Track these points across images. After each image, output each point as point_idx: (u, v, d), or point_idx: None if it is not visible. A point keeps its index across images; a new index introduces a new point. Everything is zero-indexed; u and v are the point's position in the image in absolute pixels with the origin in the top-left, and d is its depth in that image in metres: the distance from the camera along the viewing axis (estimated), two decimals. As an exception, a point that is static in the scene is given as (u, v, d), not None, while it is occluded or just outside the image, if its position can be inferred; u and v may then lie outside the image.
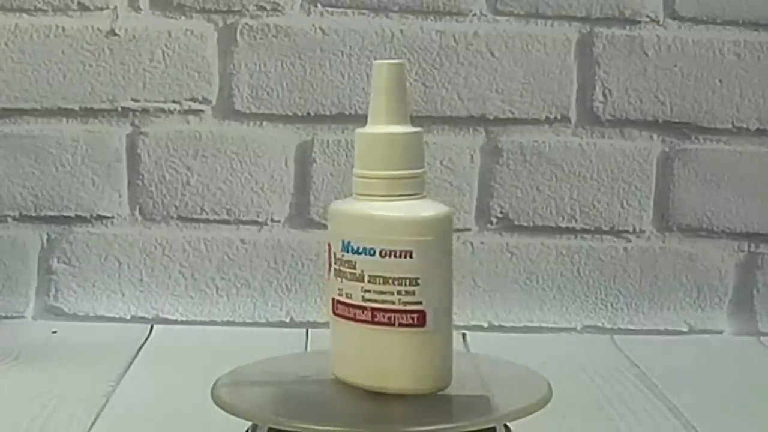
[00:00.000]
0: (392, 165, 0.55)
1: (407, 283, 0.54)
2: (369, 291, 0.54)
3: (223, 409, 0.54)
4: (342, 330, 0.56)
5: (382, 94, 0.55)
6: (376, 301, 0.54)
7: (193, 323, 1.00)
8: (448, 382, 0.55)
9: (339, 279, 0.55)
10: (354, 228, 0.55)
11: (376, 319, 0.54)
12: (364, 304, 0.55)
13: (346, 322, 0.55)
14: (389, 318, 0.54)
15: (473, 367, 0.64)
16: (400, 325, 0.54)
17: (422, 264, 0.54)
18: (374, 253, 0.54)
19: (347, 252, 0.55)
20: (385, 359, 0.55)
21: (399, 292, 0.54)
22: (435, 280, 0.54)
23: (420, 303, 0.54)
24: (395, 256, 0.54)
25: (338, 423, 0.52)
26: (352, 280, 0.55)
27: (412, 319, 0.54)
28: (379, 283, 0.54)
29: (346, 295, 0.55)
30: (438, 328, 0.55)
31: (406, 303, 0.54)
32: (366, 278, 0.54)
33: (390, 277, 0.54)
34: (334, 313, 0.56)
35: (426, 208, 0.55)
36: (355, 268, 0.55)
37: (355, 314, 0.55)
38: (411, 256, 0.54)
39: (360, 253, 0.55)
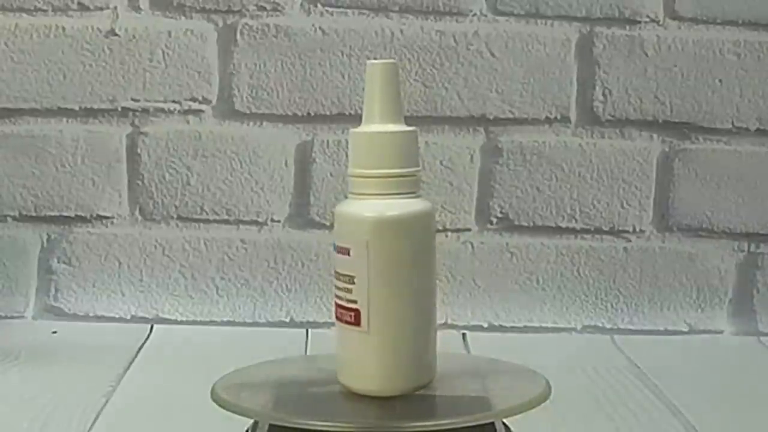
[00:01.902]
0: (382, 164, 0.55)
1: (347, 281, 0.55)
2: (335, 286, 0.56)
3: (222, 407, 0.54)
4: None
5: (375, 93, 0.56)
6: (336, 296, 0.56)
7: (193, 323, 1.00)
8: (400, 387, 0.55)
9: None
10: (335, 225, 0.56)
11: (337, 314, 0.56)
12: (334, 297, 0.56)
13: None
14: (340, 314, 0.55)
15: (472, 367, 0.64)
16: (346, 322, 0.55)
17: (357, 263, 0.54)
18: (335, 248, 0.55)
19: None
20: (342, 357, 0.56)
21: (343, 289, 0.55)
22: (371, 281, 0.54)
23: (355, 302, 0.54)
24: (341, 253, 0.55)
25: (338, 420, 0.52)
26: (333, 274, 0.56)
27: (350, 316, 0.55)
28: (336, 278, 0.55)
29: None
30: (375, 330, 0.54)
31: (347, 300, 0.55)
32: (334, 272, 0.56)
33: (339, 273, 0.55)
34: None
35: (385, 208, 0.54)
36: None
37: (334, 309, 0.56)
38: (349, 254, 0.54)
39: (333, 248, 0.56)
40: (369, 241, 0.54)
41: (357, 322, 0.54)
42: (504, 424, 0.55)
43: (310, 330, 0.98)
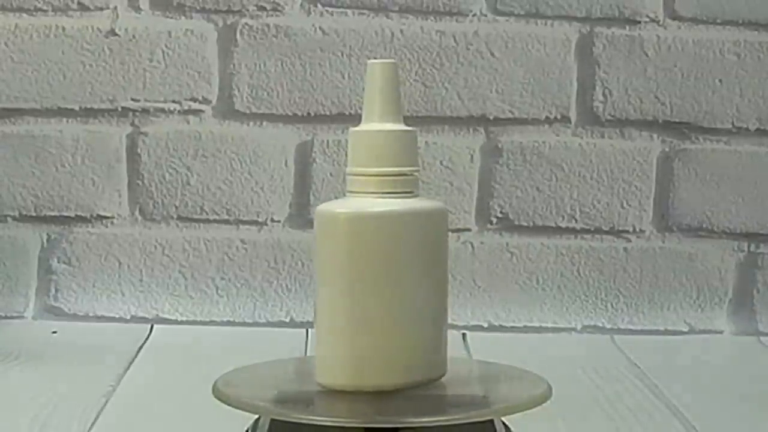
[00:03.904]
0: (376, 162, 0.55)
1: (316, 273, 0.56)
2: None
3: (225, 402, 0.54)
4: None
5: (375, 93, 0.56)
6: None
7: (193, 323, 1.00)
8: (352, 382, 0.55)
9: None
10: None
11: None
12: None
13: None
14: None
15: (473, 369, 0.65)
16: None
17: (314, 257, 0.55)
18: None
19: None
20: None
21: None
22: (319, 276, 0.55)
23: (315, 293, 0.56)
24: None
25: (337, 415, 0.52)
26: None
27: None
28: None
29: None
30: (322, 323, 0.55)
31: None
32: None
33: None
34: None
35: (360, 207, 0.55)
36: None
37: None
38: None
39: None
40: (317, 237, 0.55)
41: (314, 315, 0.55)
42: (504, 423, 0.55)
43: (310, 330, 0.98)
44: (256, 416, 0.56)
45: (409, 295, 0.55)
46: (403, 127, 0.56)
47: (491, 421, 0.54)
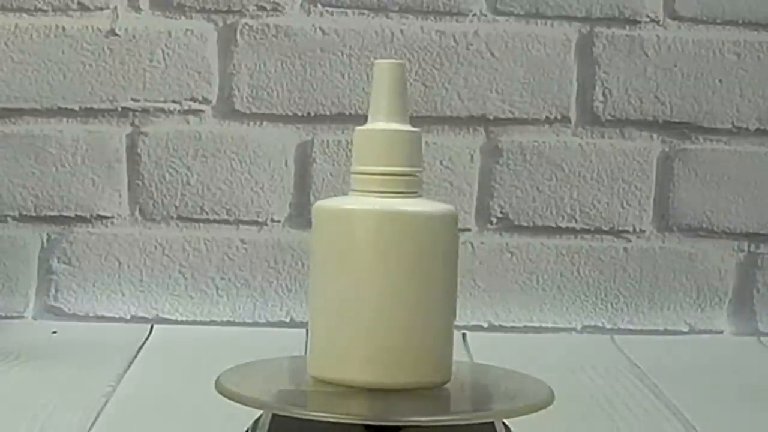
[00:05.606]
0: (384, 161, 0.55)
1: None
2: None
3: (228, 397, 0.54)
4: None
5: (382, 93, 0.56)
6: None
7: (193, 323, 1.00)
8: (341, 378, 0.55)
9: None
10: None
11: None
12: None
13: None
14: None
15: (475, 373, 0.65)
16: None
17: (316, 252, 0.57)
18: None
19: None
20: None
21: None
22: (325, 271, 0.56)
23: None
24: None
25: (338, 412, 0.53)
26: None
27: None
28: None
29: None
30: (324, 318, 0.56)
31: None
32: None
33: None
34: None
35: (357, 205, 0.55)
36: None
37: None
38: None
39: None
40: (323, 233, 0.56)
41: (311, 308, 0.56)
42: (504, 424, 0.56)
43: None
44: (257, 416, 0.56)
45: (419, 296, 0.55)
46: (409, 127, 0.56)
47: (491, 422, 0.54)
